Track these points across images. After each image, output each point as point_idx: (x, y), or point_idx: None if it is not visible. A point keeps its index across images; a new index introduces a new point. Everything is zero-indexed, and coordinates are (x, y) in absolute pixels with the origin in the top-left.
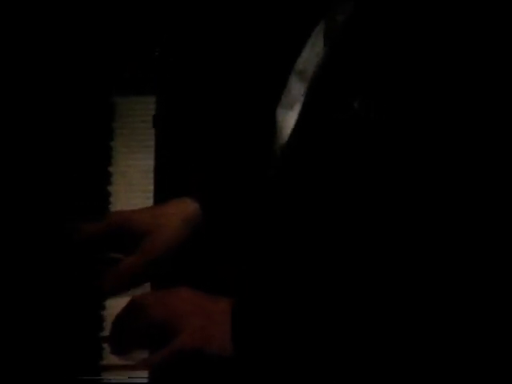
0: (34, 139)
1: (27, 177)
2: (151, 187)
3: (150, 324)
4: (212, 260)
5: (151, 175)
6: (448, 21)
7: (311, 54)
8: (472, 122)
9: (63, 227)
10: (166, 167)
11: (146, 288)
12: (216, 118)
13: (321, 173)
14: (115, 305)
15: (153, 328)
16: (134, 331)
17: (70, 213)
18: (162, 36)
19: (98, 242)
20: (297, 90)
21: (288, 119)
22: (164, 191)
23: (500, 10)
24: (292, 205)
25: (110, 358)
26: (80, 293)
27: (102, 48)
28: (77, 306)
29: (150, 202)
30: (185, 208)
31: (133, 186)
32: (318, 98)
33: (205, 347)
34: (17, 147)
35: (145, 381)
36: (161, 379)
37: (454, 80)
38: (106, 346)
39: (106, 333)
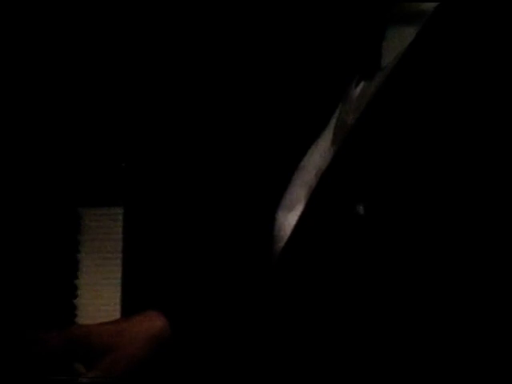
0: None
1: None
2: (118, 300)
3: None
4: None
5: (118, 288)
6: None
7: (315, 153)
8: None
9: (24, 337)
10: (134, 280)
11: None
12: (189, 230)
13: (320, 278)
14: None
15: None
16: None
17: (35, 326)
18: (130, 147)
19: (57, 355)
20: (298, 190)
21: (288, 221)
22: (131, 304)
23: None
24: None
25: None
26: None
27: (67, 159)
28: None
29: (117, 316)
30: (151, 325)
31: (99, 299)
32: (321, 200)
33: None
34: None
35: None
36: None
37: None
38: None
39: None
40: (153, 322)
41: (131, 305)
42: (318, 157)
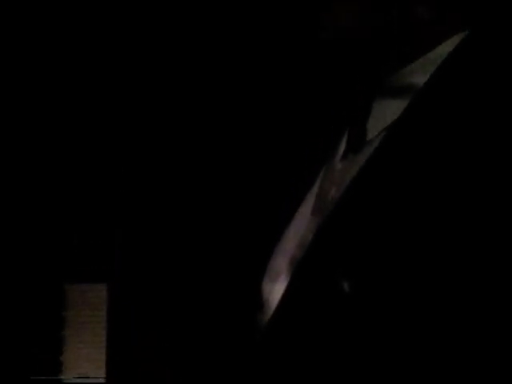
0: None
1: None
2: (102, 379)
3: None
4: None
5: (103, 364)
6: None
7: (295, 221)
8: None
9: None
10: (119, 357)
11: None
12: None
13: (306, 354)
14: None
15: None
16: None
17: None
18: (115, 223)
19: None
20: (280, 260)
21: (273, 293)
22: (116, 381)
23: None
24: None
25: None
26: None
27: (53, 233)
28: None
29: None
30: None
31: (85, 374)
32: (306, 276)
33: None
34: None
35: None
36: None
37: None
38: None
39: None
40: None
41: (116, 381)
42: (298, 225)
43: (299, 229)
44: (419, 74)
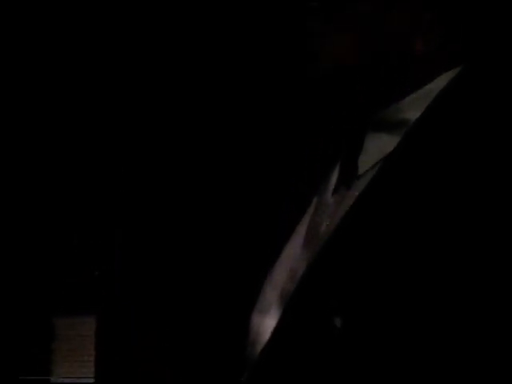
0: None
1: None
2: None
3: None
4: None
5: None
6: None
7: (285, 253)
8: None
9: None
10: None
11: None
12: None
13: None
14: None
15: None
16: None
17: None
18: (102, 255)
19: None
20: (270, 292)
21: (264, 326)
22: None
23: None
24: None
25: None
26: None
27: (41, 267)
28: None
29: None
30: None
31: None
32: (298, 312)
33: None
34: None
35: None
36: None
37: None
38: None
39: None
40: None
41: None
42: (288, 258)
43: (290, 261)
44: (412, 109)
